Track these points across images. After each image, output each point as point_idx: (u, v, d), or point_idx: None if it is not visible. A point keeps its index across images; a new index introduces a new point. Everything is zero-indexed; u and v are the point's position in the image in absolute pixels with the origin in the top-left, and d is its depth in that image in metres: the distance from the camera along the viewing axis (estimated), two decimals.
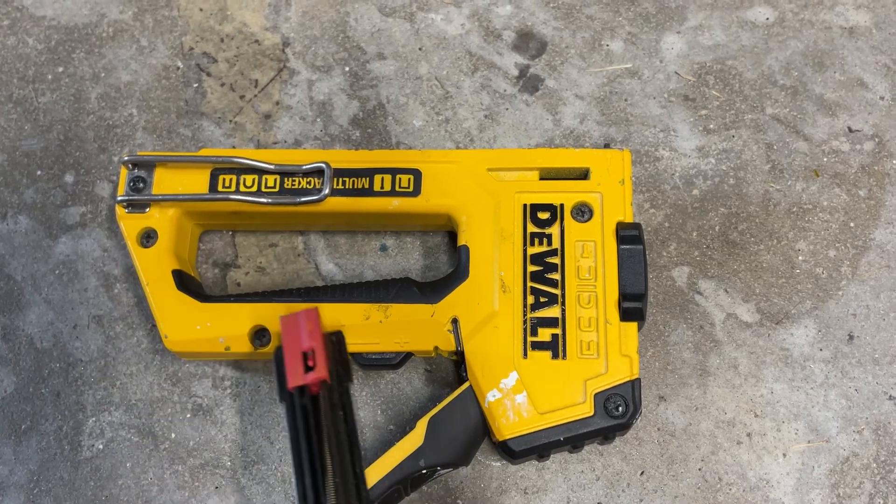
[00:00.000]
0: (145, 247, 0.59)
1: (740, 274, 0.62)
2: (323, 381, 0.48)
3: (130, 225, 0.59)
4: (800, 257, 0.62)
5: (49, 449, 0.60)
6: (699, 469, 0.58)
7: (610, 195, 0.57)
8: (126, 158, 0.59)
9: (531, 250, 0.56)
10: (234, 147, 0.66)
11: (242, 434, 0.60)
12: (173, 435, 0.60)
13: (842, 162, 0.65)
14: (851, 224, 0.63)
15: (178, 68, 0.69)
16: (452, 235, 0.63)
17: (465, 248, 0.57)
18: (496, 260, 0.56)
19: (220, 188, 0.59)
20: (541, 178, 0.59)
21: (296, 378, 0.48)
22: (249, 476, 0.59)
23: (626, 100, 0.67)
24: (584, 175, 0.58)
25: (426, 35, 0.69)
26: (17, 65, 0.69)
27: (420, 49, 0.69)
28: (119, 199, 0.59)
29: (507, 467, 0.58)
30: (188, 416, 0.60)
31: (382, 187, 0.58)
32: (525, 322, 0.55)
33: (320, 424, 0.47)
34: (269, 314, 0.57)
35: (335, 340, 0.52)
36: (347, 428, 0.48)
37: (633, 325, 0.54)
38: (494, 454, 0.58)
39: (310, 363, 0.49)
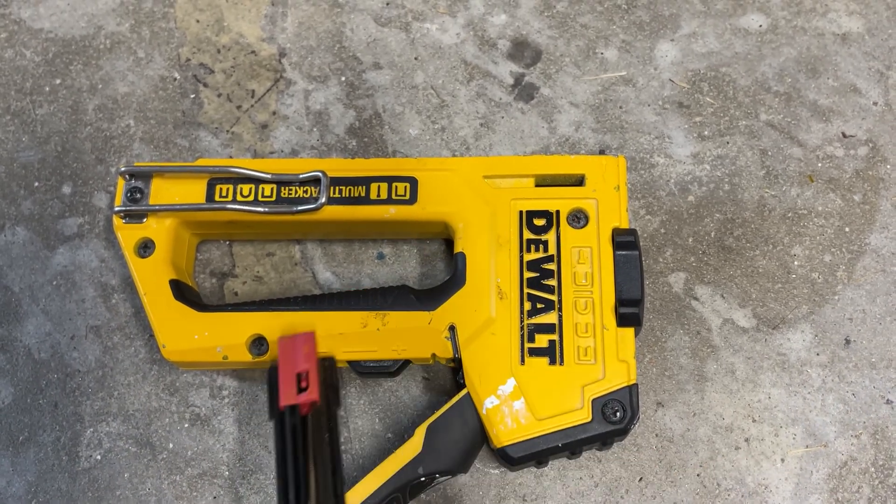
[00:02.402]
0: (143, 257, 0.59)
1: (736, 279, 0.62)
2: (313, 403, 0.50)
3: (128, 235, 0.59)
4: (795, 262, 0.62)
5: (47, 460, 0.60)
6: (698, 475, 0.57)
7: (605, 201, 0.57)
8: (123, 169, 0.59)
9: (527, 257, 0.56)
10: (230, 157, 0.67)
11: (240, 444, 0.59)
12: (171, 445, 0.60)
13: (836, 167, 0.65)
14: (846, 229, 0.63)
15: (175, 79, 0.69)
16: (449, 243, 0.63)
17: (462, 256, 0.57)
18: (493, 267, 0.56)
19: (216, 198, 0.59)
20: (536, 185, 0.59)
21: (288, 397, 0.50)
22: (247, 486, 0.59)
23: (620, 107, 0.67)
24: (579, 181, 0.59)
25: (422, 45, 0.70)
26: (15, 77, 0.70)
27: (416, 58, 0.69)
28: (116, 209, 0.59)
29: (505, 474, 0.58)
30: (186, 425, 0.60)
31: (379, 195, 0.58)
32: (522, 328, 0.55)
33: (307, 444, 0.49)
34: (267, 323, 0.57)
35: (327, 366, 0.53)
36: (332, 451, 0.50)
37: (630, 331, 0.55)
38: (493, 461, 0.58)
39: (303, 384, 0.50)
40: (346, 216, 0.59)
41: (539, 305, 0.55)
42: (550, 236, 0.57)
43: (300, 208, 0.58)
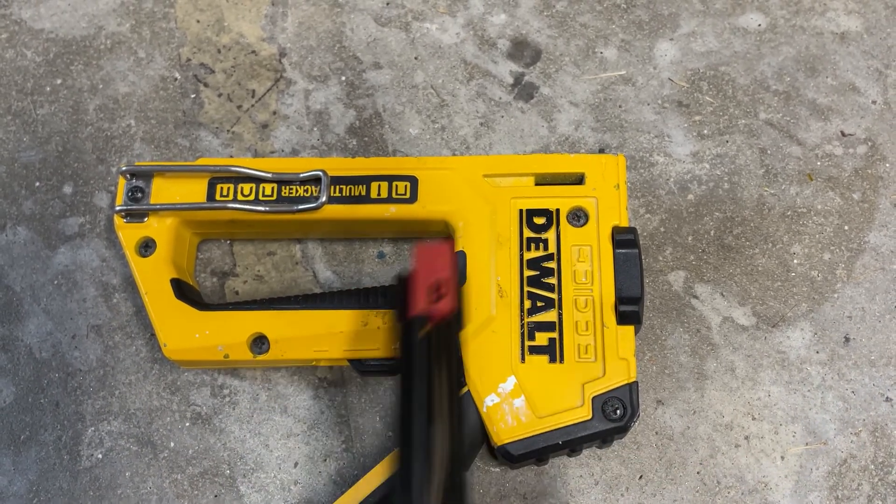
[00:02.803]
0: (144, 256, 0.59)
1: (736, 278, 0.62)
2: (448, 313, 0.48)
3: (129, 234, 0.59)
4: (795, 260, 0.63)
5: (48, 459, 0.60)
6: (698, 472, 0.58)
7: (605, 200, 0.57)
8: (124, 168, 0.59)
9: (527, 255, 0.57)
10: (231, 157, 0.67)
11: (241, 442, 0.60)
12: (172, 444, 0.60)
13: (835, 166, 0.65)
14: (846, 227, 0.63)
15: (176, 79, 0.69)
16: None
17: (462, 254, 0.57)
18: (493, 265, 0.56)
19: (217, 197, 0.59)
20: (536, 184, 0.59)
21: (419, 306, 0.47)
22: (248, 484, 0.59)
23: (620, 106, 0.67)
24: (579, 180, 0.59)
25: (422, 44, 0.70)
26: (16, 77, 0.70)
27: (416, 58, 0.70)
28: (117, 209, 0.59)
29: (506, 472, 0.58)
30: (187, 424, 0.60)
31: (379, 194, 0.59)
32: (522, 326, 0.55)
33: (438, 354, 0.46)
34: (268, 322, 0.57)
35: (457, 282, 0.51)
36: (451, 365, 0.47)
37: (630, 329, 0.55)
38: (493, 459, 0.58)
39: (437, 294, 0.48)
40: (347, 215, 0.59)
41: (539, 304, 0.56)
42: (550, 235, 0.57)
43: (301, 207, 0.58)
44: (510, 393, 0.54)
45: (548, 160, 0.59)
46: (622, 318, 0.55)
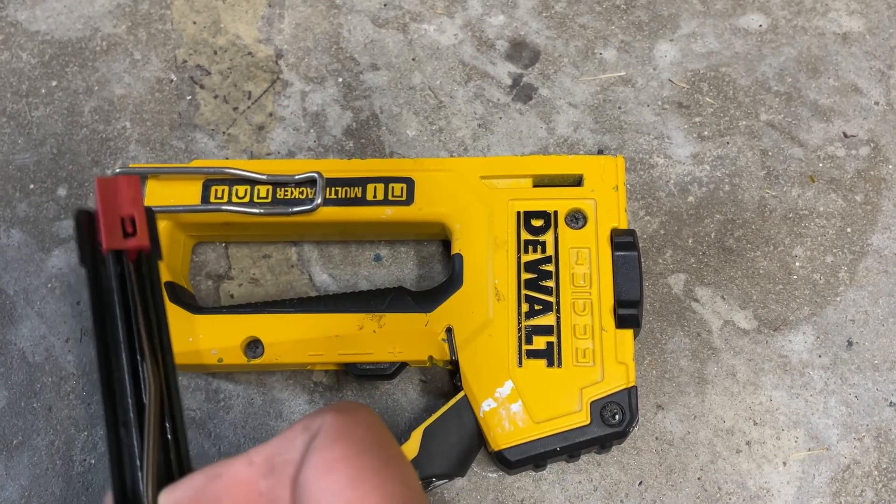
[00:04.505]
0: None
1: (737, 281, 0.61)
2: (141, 251, 0.45)
3: None
4: (797, 263, 0.62)
5: (41, 464, 0.59)
6: (698, 478, 0.57)
7: (604, 202, 0.57)
8: (118, 171, 0.59)
9: (525, 258, 0.56)
10: (227, 159, 0.66)
11: (236, 447, 0.59)
12: None
13: (837, 167, 0.64)
14: (848, 229, 0.63)
15: (172, 81, 0.69)
16: (447, 244, 0.62)
17: (459, 257, 0.56)
18: (490, 268, 0.56)
19: (212, 199, 0.59)
20: (534, 186, 0.58)
21: (113, 241, 0.44)
22: None
23: (619, 108, 0.67)
24: (577, 182, 0.58)
25: (419, 45, 0.69)
26: (11, 79, 0.69)
27: (413, 59, 0.69)
28: None
29: (503, 478, 0.57)
30: None
31: (375, 196, 0.58)
32: (520, 330, 0.54)
33: (135, 293, 0.44)
34: (262, 325, 0.56)
35: (150, 216, 0.48)
36: (156, 300, 0.45)
37: (629, 333, 0.54)
38: (491, 465, 0.57)
39: (128, 230, 0.45)
40: (343, 217, 0.58)
41: (537, 307, 0.55)
42: (548, 237, 0.56)
43: (296, 209, 0.58)
44: (507, 397, 0.53)
45: (546, 161, 0.59)
46: (621, 322, 0.54)
